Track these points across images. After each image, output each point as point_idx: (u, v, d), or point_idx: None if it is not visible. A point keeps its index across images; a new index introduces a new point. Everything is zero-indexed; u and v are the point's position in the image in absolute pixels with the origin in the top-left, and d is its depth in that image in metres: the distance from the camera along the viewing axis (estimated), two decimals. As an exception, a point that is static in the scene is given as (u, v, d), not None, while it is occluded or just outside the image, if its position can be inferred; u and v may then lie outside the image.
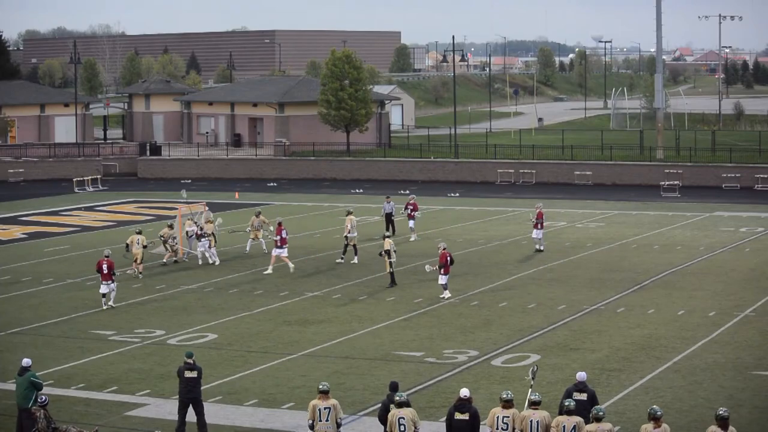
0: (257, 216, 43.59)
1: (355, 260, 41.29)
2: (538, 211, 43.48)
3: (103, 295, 33.76)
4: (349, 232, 41.44)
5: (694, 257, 42.05)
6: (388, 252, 36.41)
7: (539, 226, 43.27)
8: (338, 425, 19.20)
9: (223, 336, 29.92)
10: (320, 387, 19.34)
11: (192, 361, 21.60)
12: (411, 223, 46.85)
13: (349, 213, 42.54)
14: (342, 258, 41.54)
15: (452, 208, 58.44)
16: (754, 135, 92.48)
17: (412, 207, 46.77)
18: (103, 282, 33.60)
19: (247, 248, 43.19)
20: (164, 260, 41.27)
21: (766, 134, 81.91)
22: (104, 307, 33.65)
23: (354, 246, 41.62)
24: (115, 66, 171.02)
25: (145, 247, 38.84)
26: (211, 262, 41.13)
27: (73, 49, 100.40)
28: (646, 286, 36.49)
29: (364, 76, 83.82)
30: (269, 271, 39.33)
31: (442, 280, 34.21)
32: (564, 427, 17.82)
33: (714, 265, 40.37)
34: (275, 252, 39.39)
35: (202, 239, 41.12)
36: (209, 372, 25.36)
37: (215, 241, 41.81)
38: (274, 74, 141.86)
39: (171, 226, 41.93)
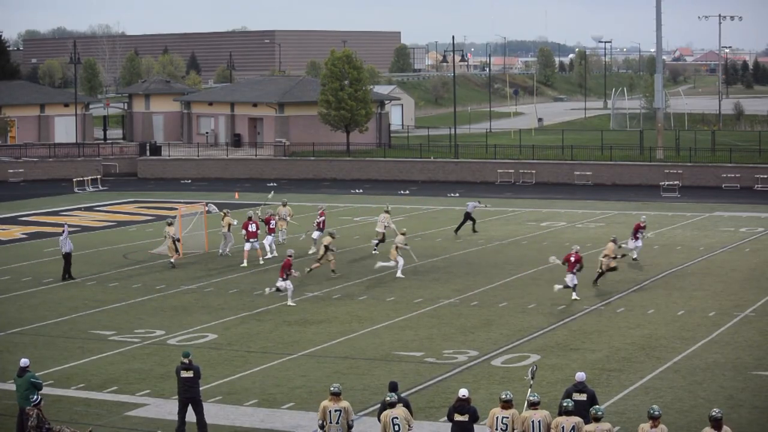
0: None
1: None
2: (636, 224, 41.96)
3: (277, 290, 34.04)
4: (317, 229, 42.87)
5: (694, 257, 42.04)
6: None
7: (636, 237, 41.49)
8: (350, 427, 19.00)
9: (223, 336, 29.91)
10: (332, 389, 19.10)
11: (188, 361, 21.52)
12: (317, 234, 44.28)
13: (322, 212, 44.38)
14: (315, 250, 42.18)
15: (452, 208, 58.39)
16: (754, 135, 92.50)
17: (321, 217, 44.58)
18: (281, 277, 34.20)
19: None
20: (172, 260, 41.02)
21: (766, 134, 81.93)
22: (266, 291, 34.60)
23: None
24: (115, 66, 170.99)
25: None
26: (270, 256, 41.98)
27: (73, 49, 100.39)
28: (646, 286, 36.48)
29: (364, 76, 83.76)
30: (244, 264, 40.56)
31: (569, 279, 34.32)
32: (563, 427, 17.80)
33: (714, 265, 40.37)
34: (247, 246, 40.94)
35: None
36: (209, 372, 25.37)
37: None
38: (274, 74, 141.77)
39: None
